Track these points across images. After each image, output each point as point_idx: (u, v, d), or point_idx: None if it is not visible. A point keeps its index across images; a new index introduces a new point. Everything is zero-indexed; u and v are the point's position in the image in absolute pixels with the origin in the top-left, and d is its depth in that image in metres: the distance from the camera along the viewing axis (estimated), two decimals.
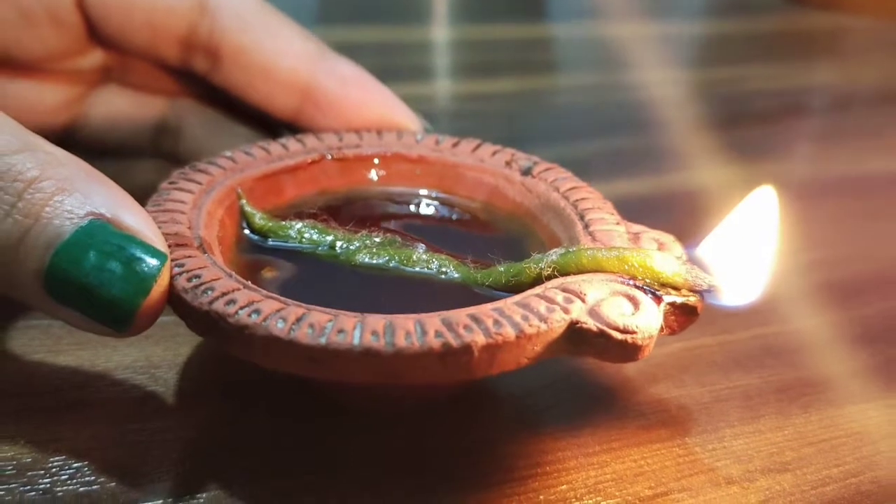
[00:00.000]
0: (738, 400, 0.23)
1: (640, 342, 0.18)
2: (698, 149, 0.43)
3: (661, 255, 0.19)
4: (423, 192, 0.25)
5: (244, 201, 0.23)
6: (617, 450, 0.21)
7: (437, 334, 0.17)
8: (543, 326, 0.18)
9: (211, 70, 0.26)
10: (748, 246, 0.21)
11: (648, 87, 0.51)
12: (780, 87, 0.53)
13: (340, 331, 0.17)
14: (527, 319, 0.18)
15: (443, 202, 0.25)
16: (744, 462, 0.21)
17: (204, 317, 0.18)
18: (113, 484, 0.19)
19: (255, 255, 0.22)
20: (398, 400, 0.22)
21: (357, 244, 0.22)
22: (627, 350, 0.18)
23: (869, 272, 0.31)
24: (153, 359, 0.23)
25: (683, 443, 0.22)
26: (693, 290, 0.19)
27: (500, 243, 0.23)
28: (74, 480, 0.19)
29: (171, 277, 0.18)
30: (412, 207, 0.25)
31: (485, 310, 0.18)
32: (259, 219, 0.23)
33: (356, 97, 0.26)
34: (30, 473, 0.19)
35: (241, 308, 0.17)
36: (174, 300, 0.18)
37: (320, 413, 0.22)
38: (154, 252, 0.18)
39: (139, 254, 0.18)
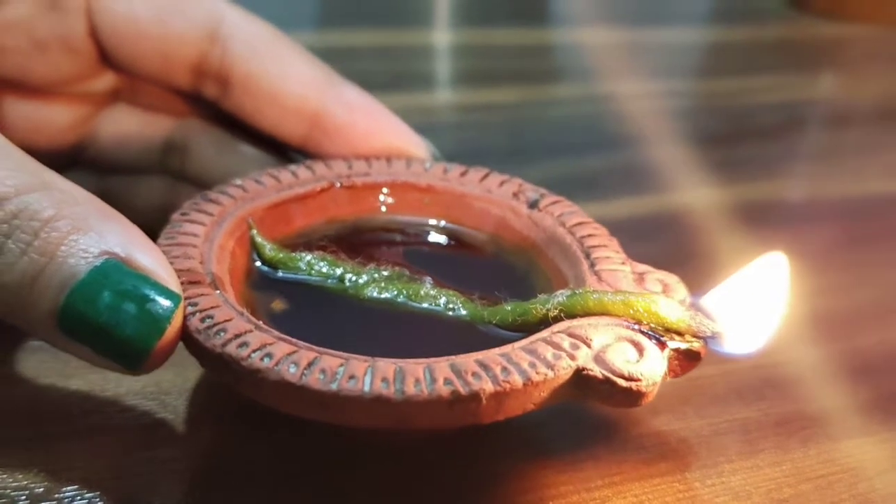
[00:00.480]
0: (737, 433, 0.24)
1: (644, 389, 0.19)
2: (700, 166, 0.43)
3: (665, 300, 0.20)
4: (431, 221, 0.26)
5: (255, 232, 0.23)
6: (618, 484, 0.22)
7: (447, 382, 0.17)
8: (550, 374, 0.18)
9: (221, 96, 0.26)
10: (755, 301, 0.22)
11: (650, 98, 0.52)
12: (782, 100, 0.53)
13: (351, 377, 0.17)
14: (534, 367, 0.18)
15: (450, 233, 0.25)
16: (742, 499, 0.22)
17: (217, 359, 0.18)
18: None
19: (265, 287, 0.22)
20: (404, 434, 0.22)
21: (366, 277, 0.22)
22: (631, 397, 0.19)
23: (868, 300, 0.31)
24: (163, 384, 0.23)
25: (683, 477, 0.22)
26: (697, 336, 0.20)
27: (505, 276, 0.24)
28: None
29: (185, 317, 0.19)
30: (420, 237, 0.25)
31: (492, 356, 0.18)
32: (269, 250, 0.23)
33: (364, 124, 0.26)
34: None
35: (254, 351, 0.18)
36: (187, 340, 0.19)
37: (328, 443, 0.22)
38: (168, 294, 0.18)
39: (153, 295, 0.18)
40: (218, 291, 0.20)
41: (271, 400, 0.18)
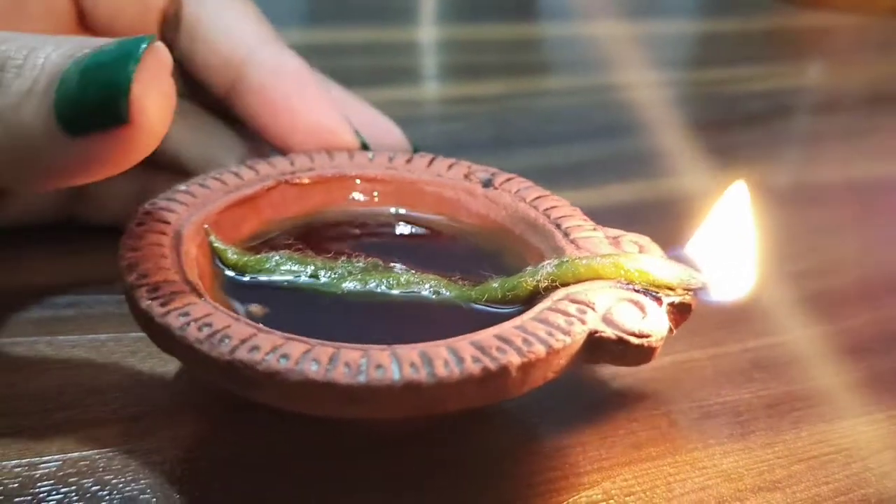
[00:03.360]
0: (728, 416, 0.23)
1: (655, 344, 0.19)
2: (689, 153, 0.43)
3: (653, 258, 0.20)
4: (386, 211, 0.25)
5: (213, 238, 0.22)
6: (607, 469, 0.21)
7: (475, 360, 0.17)
8: (568, 340, 0.18)
9: (172, 40, 0.26)
10: (730, 243, 0.22)
11: (638, 88, 0.51)
12: (770, 88, 0.53)
13: (378, 366, 0.17)
14: (552, 335, 0.18)
15: (409, 220, 0.25)
16: (734, 480, 0.21)
17: (227, 367, 0.17)
18: None
19: (236, 293, 0.21)
20: (387, 423, 0.21)
21: (340, 271, 0.21)
22: (643, 353, 0.19)
23: (857, 281, 0.31)
24: (141, 377, 0.23)
25: (674, 461, 0.22)
26: (687, 290, 0.20)
27: (475, 257, 0.23)
28: None
29: (180, 328, 0.18)
30: (380, 228, 0.25)
31: (509, 329, 0.18)
32: (232, 254, 0.22)
33: (286, 90, 0.26)
34: (17, 500, 0.19)
35: (268, 354, 0.17)
36: (188, 353, 0.18)
37: (310, 434, 0.21)
38: (139, 38, 0.18)
39: (126, 40, 0.18)
40: (203, 299, 0.19)
41: (294, 402, 0.17)
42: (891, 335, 0.27)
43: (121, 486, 0.20)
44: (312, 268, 0.22)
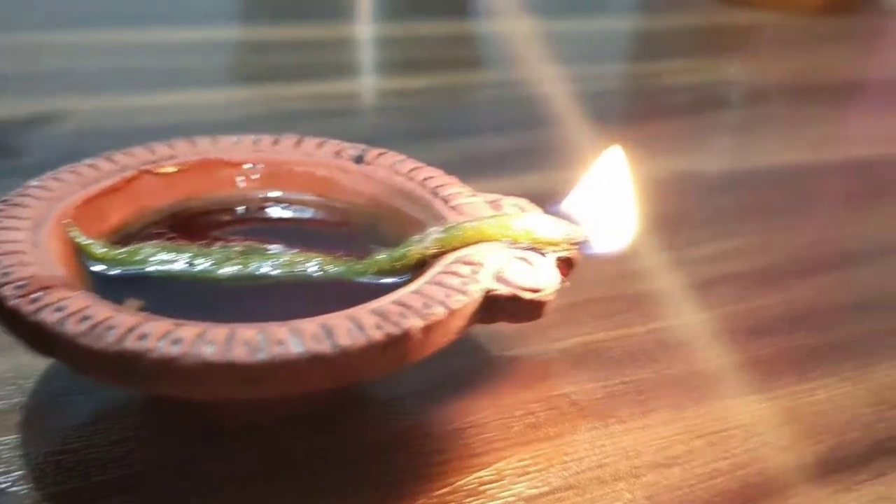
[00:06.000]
0: (630, 395, 0.23)
1: (546, 298, 0.19)
2: (614, 143, 0.43)
3: (536, 216, 0.21)
4: (257, 195, 0.24)
5: (76, 232, 0.21)
6: (502, 450, 0.21)
7: (377, 326, 0.17)
8: (466, 299, 0.18)
9: None
10: (607, 198, 0.22)
11: (570, 82, 0.51)
12: (697, 82, 0.54)
13: (279, 342, 0.16)
14: (450, 296, 0.18)
15: (279, 202, 0.24)
16: (632, 458, 0.21)
17: (115, 359, 0.16)
18: None
19: (107, 289, 0.19)
20: (280, 411, 0.21)
21: (217, 257, 0.21)
22: (536, 308, 0.19)
23: (769, 264, 0.31)
24: (22, 369, 0.22)
25: (572, 440, 0.21)
26: (571, 244, 0.21)
27: (353, 235, 0.23)
28: None
29: (56, 323, 0.16)
30: (253, 212, 0.24)
31: (407, 295, 0.18)
32: (99, 248, 0.20)
33: None
34: None
35: (159, 340, 0.16)
36: (69, 350, 0.16)
37: (192, 419, 0.21)
38: None
39: None
40: (78, 292, 0.17)
41: (192, 389, 0.16)
42: (795, 315, 0.27)
43: None
44: (188, 256, 0.21)
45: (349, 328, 0.16)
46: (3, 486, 0.19)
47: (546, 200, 0.23)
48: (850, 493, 0.20)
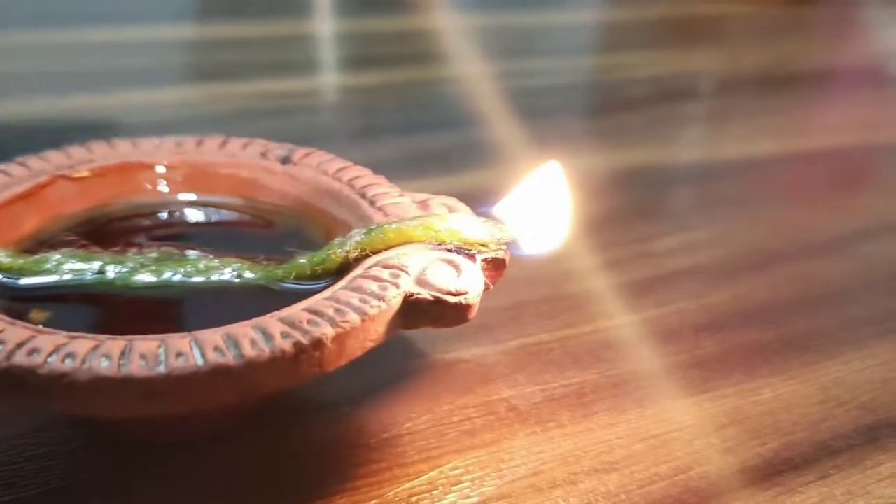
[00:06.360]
0: (571, 398, 0.22)
1: (471, 301, 0.18)
2: (575, 135, 0.42)
3: (462, 217, 0.20)
4: (178, 198, 0.23)
5: None
6: (436, 458, 0.20)
7: (284, 335, 0.16)
8: (383, 305, 0.17)
9: None
10: (539, 204, 0.22)
11: (531, 76, 0.51)
12: (661, 73, 0.53)
13: (179, 354, 0.15)
14: (366, 302, 0.17)
15: (201, 205, 0.23)
16: (570, 464, 0.20)
17: (4, 376, 0.15)
18: None
19: (11, 300, 0.19)
20: (199, 426, 0.20)
21: (131, 265, 0.20)
22: (461, 312, 0.18)
23: (724, 258, 0.31)
24: None
25: (509, 446, 0.21)
26: (499, 245, 0.20)
27: (278, 236, 0.22)
28: None
29: None
30: (172, 216, 0.23)
31: (320, 302, 0.17)
32: (5, 257, 0.20)
33: None
34: None
35: (50, 355, 0.15)
36: None
37: (115, 431, 0.20)
38: None
39: None
40: None
41: (88, 406, 0.15)
42: (745, 311, 0.27)
43: None
44: (99, 263, 0.20)
45: (254, 338, 0.16)
46: None
47: (487, 200, 0.22)
48: (794, 496, 0.20)
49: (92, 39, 0.51)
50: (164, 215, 0.23)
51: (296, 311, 0.17)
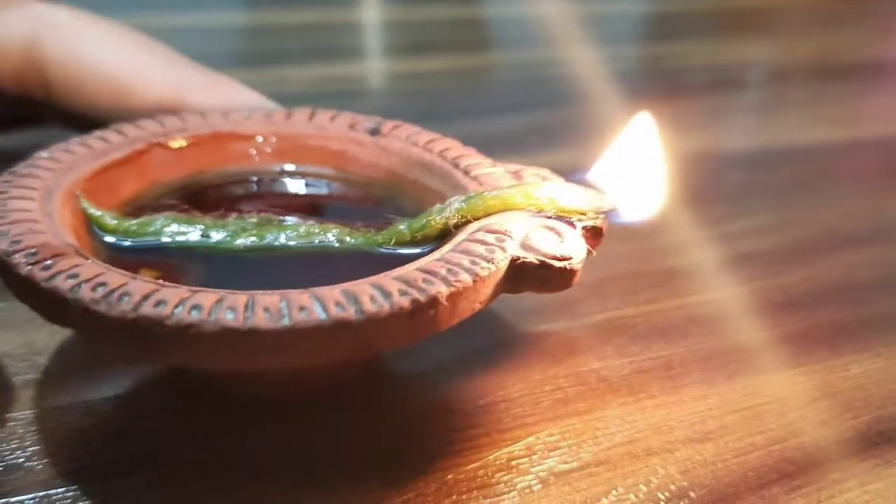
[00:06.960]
0: (660, 370, 0.22)
1: (576, 267, 0.18)
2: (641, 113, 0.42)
3: (561, 185, 0.20)
4: (271, 168, 0.24)
5: (86, 203, 0.20)
6: (532, 425, 0.20)
7: (401, 292, 0.16)
8: (492, 267, 0.17)
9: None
10: (636, 166, 0.22)
11: (589, 63, 0.51)
12: (719, 63, 0.53)
13: (302, 308, 0.15)
14: (476, 264, 0.17)
15: (295, 175, 0.24)
16: (664, 433, 0.20)
17: (131, 327, 0.15)
18: None
19: (120, 260, 0.19)
20: (301, 387, 0.20)
21: (233, 228, 0.20)
22: (566, 277, 0.18)
23: (796, 240, 0.30)
24: (36, 345, 0.21)
25: (602, 416, 0.21)
26: (598, 213, 0.20)
27: (371, 207, 0.22)
28: None
29: (70, 290, 0.16)
30: (266, 185, 0.23)
31: (431, 263, 0.17)
32: (111, 220, 0.20)
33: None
34: None
35: (176, 307, 0.15)
36: (83, 317, 0.16)
37: (210, 400, 0.20)
38: None
39: None
40: (90, 260, 0.17)
41: (211, 358, 0.16)
42: (822, 291, 0.27)
43: (7, 452, 0.18)
44: (202, 227, 0.20)
45: (373, 294, 0.16)
46: (19, 461, 0.18)
47: (566, 176, 0.22)
48: (890, 468, 0.20)
49: (151, 24, 0.52)
50: (257, 185, 0.23)
51: (409, 270, 0.17)
